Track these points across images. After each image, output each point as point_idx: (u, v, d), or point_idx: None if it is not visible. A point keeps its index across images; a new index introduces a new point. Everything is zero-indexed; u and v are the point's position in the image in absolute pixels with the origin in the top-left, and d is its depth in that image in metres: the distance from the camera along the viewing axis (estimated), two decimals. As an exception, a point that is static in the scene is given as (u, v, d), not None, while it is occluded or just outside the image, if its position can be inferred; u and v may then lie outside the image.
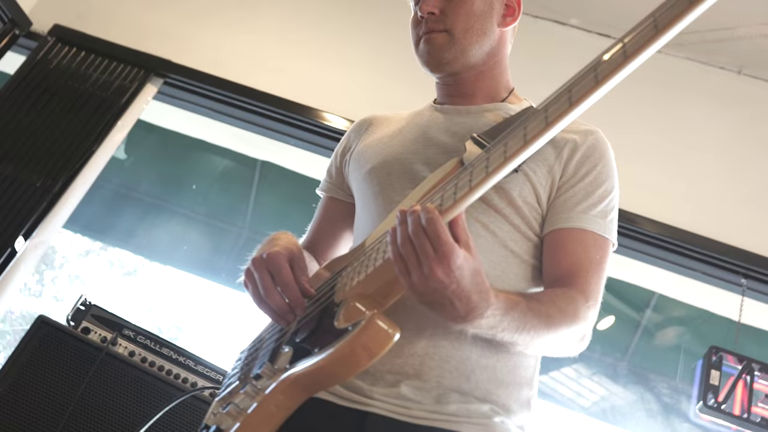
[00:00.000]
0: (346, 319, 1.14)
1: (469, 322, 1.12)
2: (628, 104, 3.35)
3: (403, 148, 1.50)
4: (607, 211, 1.40)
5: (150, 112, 3.68)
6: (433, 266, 1.04)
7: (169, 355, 2.33)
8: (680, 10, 0.87)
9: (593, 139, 1.45)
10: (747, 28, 3.34)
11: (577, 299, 1.28)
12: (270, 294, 1.29)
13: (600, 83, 0.93)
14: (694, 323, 4.87)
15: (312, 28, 3.70)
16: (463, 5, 1.49)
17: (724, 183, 3.27)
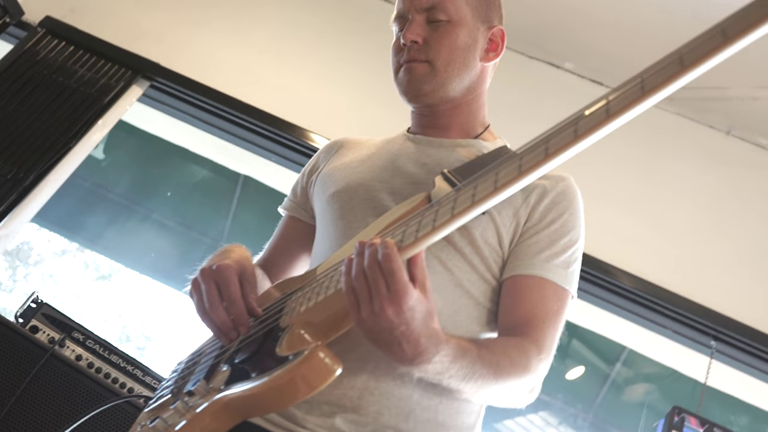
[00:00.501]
0: (289, 347, 1.10)
1: (415, 365, 1.08)
2: (615, 153, 3.34)
3: (370, 174, 1.47)
4: (570, 261, 1.37)
5: (133, 114, 3.64)
6: (384, 304, 1.00)
7: (117, 362, 2.27)
8: (669, 74, 0.85)
9: (563, 186, 1.42)
10: (738, 89, 3.35)
11: (530, 351, 1.24)
12: (215, 308, 1.24)
13: (579, 138, 0.91)
14: (663, 381, 4.84)
15: (307, 46, 3.68)
16: (447, 36, 1.47)
17: (703, 243, 3.25)
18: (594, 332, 3.93)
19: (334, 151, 1.64)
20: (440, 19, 1.47)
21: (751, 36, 0.80)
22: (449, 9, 1.47)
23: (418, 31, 1.46)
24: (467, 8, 1.50)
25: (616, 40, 3.44)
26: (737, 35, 0.80)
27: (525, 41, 3.65)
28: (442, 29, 1.47)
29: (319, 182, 1.57)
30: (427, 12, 1.47)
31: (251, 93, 3.46)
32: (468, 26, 1.49)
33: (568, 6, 3.41)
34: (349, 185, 1.46)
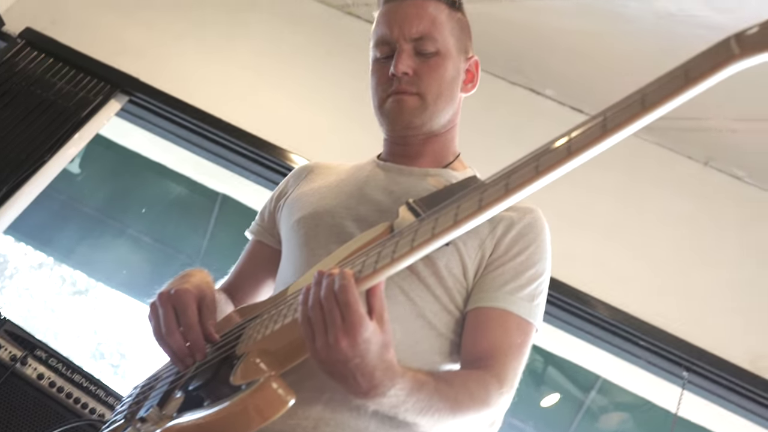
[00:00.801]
0: (243, 376, 1.09)
1: (370, 398, 1.07)
2: (594, 181, 3.35)
3: (337, 201, 1.46)
4: (534, 294, 1.36)
5: (111, 128, 3.62)
6: (338, 336, 1.00)
7: (80, 382, 2.22)
8: (631, 114, 0.86)
9: (530, 218, 1.42)
10: (717, 121, 3.37)
11: (491, 385, 1.23)
12: (171, 333, 1.22)
13: (539, 175, 0.91)
14: (637, 410, 4.83)
15: (289, 65, 3.68)
16: (437, 69, 1.47)
17: (679, 273, 3.26)
18: (569, 361, 3.92)
19: (304, 176, 1.64)
20: (429, 51, 1.46)
21: (711, 79, 0.81)
22: (438, 40, 1.47)
23: (409, 62, 1.45)
24: (451, 39, 1.50)
25: (595, 69, 3.46)
26: (698, 78, 0.82)
27: (506, 67, 3.67)
28: (432, 61, 1.46)
29: (287, 207, 1.56)
30: (415, 42, 1.46)
31: (231, 111, 3.45)
32: (453, 58, 1.50)
33: (550, 34, 3.43)
34: (316, 211, 1.45)
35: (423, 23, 1.46)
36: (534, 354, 4.74)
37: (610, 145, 0.89)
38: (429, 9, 1.48)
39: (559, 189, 3.44)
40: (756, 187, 3.46)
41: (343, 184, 1.52)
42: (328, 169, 1.64)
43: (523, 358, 1.33)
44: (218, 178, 3.96)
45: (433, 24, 1.47)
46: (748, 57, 0.79)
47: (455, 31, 1.52)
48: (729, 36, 0.83)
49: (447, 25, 1.50)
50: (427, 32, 1.46)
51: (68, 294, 7.58)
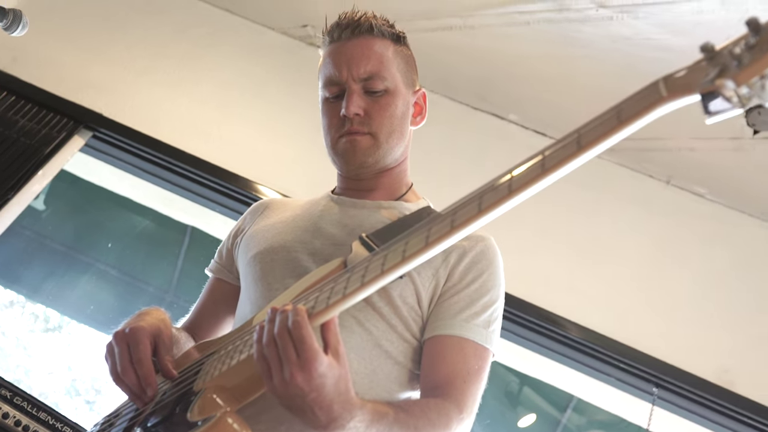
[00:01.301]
0: (200, 412, 1.10)
1: (330, 431, 1.08)
2: (557, 203, 3.39)
3: (292, 236, 1.48)
4: (490, 320, 1.39)
5: (76, 164, 3.60)
6: (293, 371, 1.01)
7: (46, 420, 2.20)
8: (568, 153, 0.90)
9: (483, 246, 1.44)
10: (677, 141, 3.43)
11: (451, 411, 1.26)
12: (126, 371, 1.24)
13: (482, 212, 0.95)
14: (613, 428, 4.84)
15: (252, 97, 3.70)
16: (387, 108, 1.49)
17: (645, 290, 3.30)
18: (544, 381, 3.94)
19: (260, 212, 1.66)
20: (378, 89, 1.49)
21: (642, 120, 0.86)
22: (386, 78, 1.50)
23: (360, 102, 1.47)
24: (398, 75, 1.53)
25: (557, 91, 3.51)
26: (629, 119, 0.86)
27: (469, 93, 3.72)
28: (382, 101, 1.49)
29: (243, 244, 1.58)
30: (364, 82, 1.49)
31: (196, 144, 3.46)
32: (401, 94, 1.53)
33: (510, 60, 3.48)
34: (271, 246, 1.47)
35: (371, 62, 1.49)
36: (509, 375, 4.75)
37: (549, 183, 0.92)
38: (375, 47, 1.51)
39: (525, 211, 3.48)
40: (717, 204, 3.53)
41: (298, 219, 1.54)
42: (283, 206, 1.66)
43: (480, 383, 1.35)
44: (186, 211, 3.95)
45: (380, 62, 1.50)
46: (676, 99, 0.84)
47: (401, 66, 1.55)
48: (658, 78, 0.87)
49: (393, 61, 1.53)
50: (375, 71, 1.49)
51: (41, 331, 7.49)
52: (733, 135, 3.25)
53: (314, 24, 3.76)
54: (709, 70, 0.79)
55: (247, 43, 3.84)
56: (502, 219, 1.47)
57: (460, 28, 3.40)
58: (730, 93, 0.77)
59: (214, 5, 3.91)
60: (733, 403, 3.02)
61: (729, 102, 0.78)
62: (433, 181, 1.76)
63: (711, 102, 0.80)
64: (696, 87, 0.81)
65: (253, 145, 3.54)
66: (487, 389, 1.38)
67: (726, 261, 3.36)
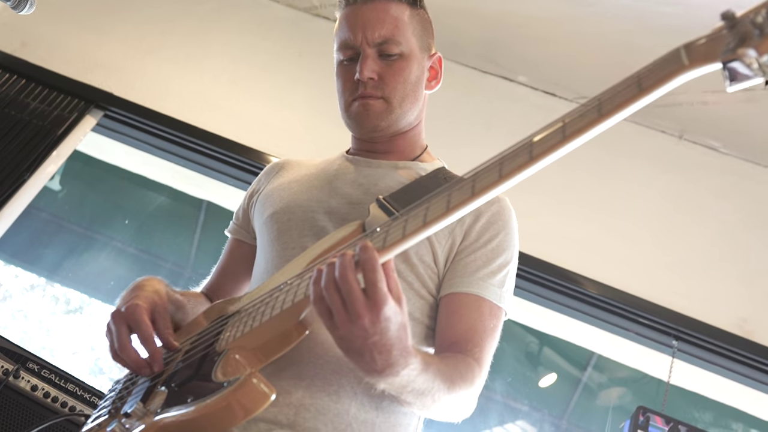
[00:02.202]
0: (224, 373, 1.12)
1: (383, 377, 1.07)
2: (571, 162, 3.38)
3: (308, 195, 1.49)
4: (504, 280, 1.41)
5: (89, 144, 3.63)
6: (361, 312, 0.99)
7: (74, 391, 2.25)
8: (589, 120, 0.90)
9: (498, 207, 1.45)
10: (688, 95, 3.41)
11: (474, 367, 1.28)
12: (123, 349, 1.26)
13: (503, 178, 0.95)
14: (635, 384, 4.87)
15: (261, 70, 3.70)
16: (401, 73, 1.49)
17: (661, 245, 3.30)
18: (563, 340, 3.96)
19: (275, 172, 1.67)
20: (393, 53, 1.48)
21: (663, 88, 0.86)
22: (401, 42, 1.49)
23: (373, 66, 1.47)
24: (414, 39, 1.52)
25: (566, 51, 3.49)
26: (651, 87, 0.86)
27: (478, 56, 3.70)
28: (396, 65, 1.48)
29: (259, 203, 1.59)
30: (379, 46, 1.48)
31: (207, 119, 3.47)
32: (417, 58, 1.52)
33: (517, 22, 3.46)
34: (287, 206, 1.48)
35: (386, 27, 1.48)
36: (529, 335, 4.78)
37: (569, 150, 0.93)
38: (391, 11, 1.50)
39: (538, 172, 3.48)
40: (731, 157, 3.51)
41: (314, 178, 1.55)
42: (298, 165, 1.66)
43: (495, 342, 1.37)
44: (200, 186, 3.97)
45: (395, 26, 1.49)
46: (697, 67, 0.84)
47: (417, 31, 1.54)
48: (680, 46, 0.87)
49: (409, 25, 1.52)
50: (390, 36, 1.48)
51: (62, 313, 7.57)
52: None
53: (319, -6, 3.75)
54: (730, 39, 0.79)
55: (253, 16, 3.83)
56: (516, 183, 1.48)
57: (467, -9, 3.39)
58: (752, 61, 0.77)
59: (219, -20, 3.90)
60: (753, 353, 3.03)
61: (751, 70, 0.78)
62: (445, 146, 1.76)
63: (733, 70, 0.80)
64: (717, 55, 0.81)
65: (264, 117, 3.55)
66: (507, 350, 1.40)
67: (741, 213, 3.36)
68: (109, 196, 4.99)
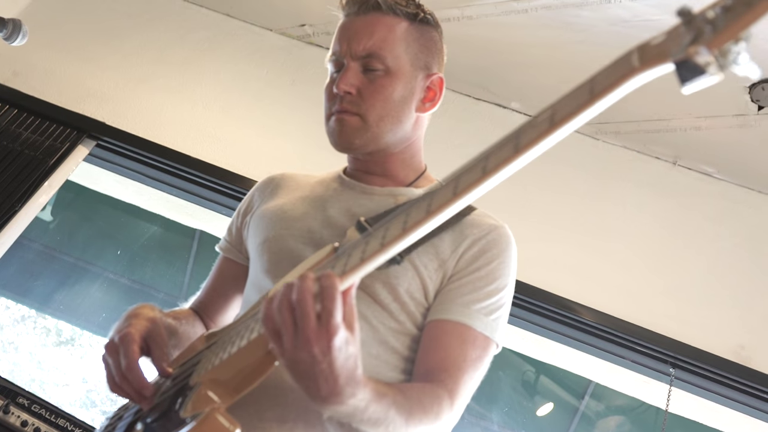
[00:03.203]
0: (194, 407, 1.07)
1: (328, 404, 1.02)
2: (566, 188, 3.39)
3: (300, 224, 1.44)
4: (493, 309, 1.34)
5: (81, 174, 3.61)
6: (311, 339, 0.95)
7: (65, 426, 2.21)
8: (541, 131, 0.86)
9: (495, 235, 1.40)
10: (681, 121, 3.42)
11: (443, 399, 1.22)
12: (122, 380, 1.23)
13: (458, 195, 0.90)
14: (633, 412, 4.84)
15: (254, 98, 3.70)
16: (382, 91, 1.43)
17: (657, 273, 3.29)
18: (560, 368, 3.93)
19: (269, 189, 1.61)
20: (377, 69, 1.43)
21: (615, 93, 0.81)
22: (387, 59, 1.43)
23: (352, 80, 1.42)
24: (406, 56, 1.46)
25: (557, 78, 3.50)
26: (602, 93, 0.81)
27: (470, 84, 3.71)
28: (377, 82, 1.43)
29: (253, 225, 1.54)
30: (362, 60, 1.43)
31: (200, 148, 3.46)
32: (405, 77, 1.46)
33: (509, 49, 3.47)
34: (279, 235, 1.44)
35: (372, 40, 1.43)
36: (525, 364, 4.75)
37: (525, 163, 0.88)
38: (380, 25, 1.44)
39: (533, 199, 3.48)
40: (726, 182, 3.51)
41: (307, 203, 1.50)
42: (293, 182, 1.61)
43: (477, 373, 1.30)
44: (193, 216, 3.95)
45: (384, 41, 1.43)
46: (649, 69, 0.78)
47: (412, 48, 1.47)
48: (633, 47, 0.82)
49: (402, 41, 1.46)
50: (375, 50, 1.43)
51: (53, 345, 7.50)
52: (737, 112, 3.24)
53: (312, 23, 3.76)
54: (685, 36, 0.74)
55: (246, 45, 3.84)
56: (511, 208, 1.46)
57: (458, 19, 3.40)
58: (704, 60, 0.71)
59: (212, 9, 3.91)
60: (752, 380, 3.00)
61: (704, 70, 0.72)
62: (442, 173, 1.74)
63: (686, 71, 0.74)
64: (669, 55, 0.75)
65: (257, 146, 3.54)
66: (504, 379, 1.35)
67: (737, 238, 3.35)
68: (101, 227, 4.97)
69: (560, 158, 3.53)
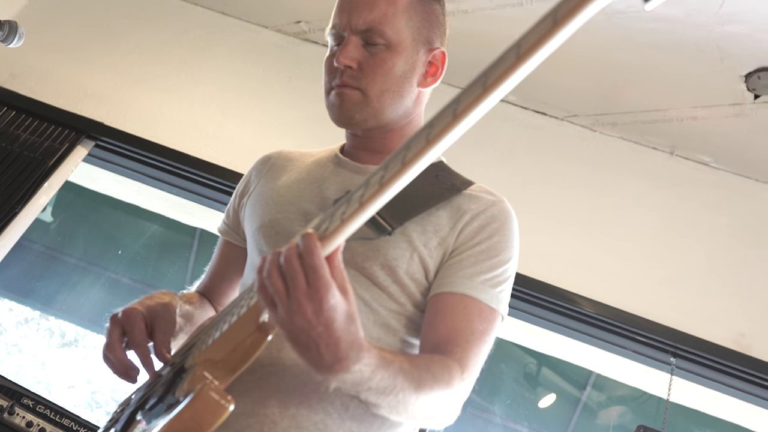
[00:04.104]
0: (188, 387, 1.06)
1: (333, 373, 0.98)
2: (563, 182, 3.40)
3: (296, 207, 1.43)
4: (498, 281, 1.33)
5: (80, 174, 3.62)
6: (302, 301, 0.92)
7: (70, 426, 2.22)
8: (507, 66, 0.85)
9: (495, 210, 1.39)
10: (677, 111, 3.42)
11: (453, 369, 1.19)
12: (111, 346, 1.23)
13: (430, 144, 0.87)
14: (634, 402, 4.85)
15: (252, 96, 3.70)
16: (383, 65, 1.40)
17: (656, 262, 3.29)
18: (561, 359, 3.94)
19: (266, 169, 1.60)
20: (377, 43, 1.40)
21: (579, 16, 0.78)
22: (387, 33, 1.40)
23: (353, 54, 1.39)
24: (407, 30, 1.44)
25: (554, 69, 3.49)
26: (565, 18, 0.78)
27: (466, 77, 3.67)
28: (378, 56, 1.40)
29: (249, 207, 1.53)
30: (363, 33, 1.40)
31: (199, 147, 3.47)
32: (407, 51, 1.43)
33: (505, 42, 3.46)
34: (275, 219, 1.43)
35: (373, 14, 1.40)
36: (527, 356, 4.76)
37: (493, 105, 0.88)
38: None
39: (532, 189, 3.48)
40: (723, 171, 3.52)
41: (304, 185, 1.48)
42: (289, 161, 1.60)
43: (485, 345, 1.28)
44: (193, 214, 3.96)
45: (385, 14, 1.40)
46: None
47: (414, 21, 1.45)
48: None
49: (403, 14, 1.43)
50: (375, 23, 1.40)
51: (57, 346, 7.51)
52: (734, 101, 3.24)
53: (308, 19, 3.76)
54: None
55: (243, 43, 3.85)
56: (509, 200, 1.46)
57: (453, 13, 3.40)
58: None
59: (207, 8, 3.91)
60: (752, 368, 3.01)
61: None
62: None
63: None
64: None
65: (255, 143, 3.54)
66: (506, 370, 1.34)
67: (735, 227, 3.36)
68: (101, 227, 4.98)
69: (558, 150, 3.54)
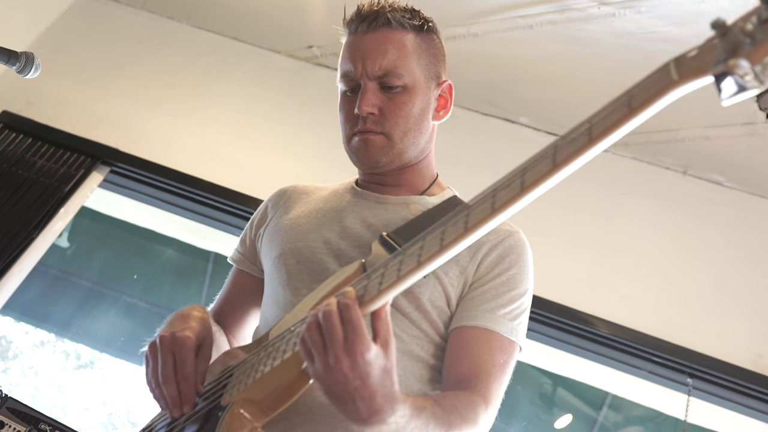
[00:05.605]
0: (228, 428, 1.08)
1: (370, 425, 1.02)
2: (577, 201, 3.40)
3: (316, 235, 1.45)
4: (516, 314, 1.36)
5: (96, 200, 3.65)
6: (339, 356, 0.95)
7: (86, 452, 2.23)
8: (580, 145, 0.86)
9: (512, 241, 1.41)
10: (690, 131, 3.42)
11: (478, 405, 1.23)
12: (168, 381, 1.22)
13: (496, 211, 0.91)
14: (651, 422, 4.81)
15: (265, 120, 3.73)
16: (403, 107, 1.43)
17: (671, 282, 3.28)
18: (577, 380, 3.91)
19: (282, 202, 1.62)
20: (395, 86, 1.43)
21: (654, 106, 0.81)
22: (403, 75, 1.43)
23: (373, 101, 1.42)
24: (419, 69, 1.46)
25: (566, 91, 3.52)
26: (641, 106, 0.81)
27: (478, 100, 3.73)
28: (398, 99, 1.43)
29: (267, 238, 1.54)
30: (379, 79, 1.43)
31: (213, 171, 3.49)
32: (422, 90, 1.46)
33: (516, 64, 3.49)
34: (295, 247, 1.44)
35: (387, 58, 1.42)
36: (543, 377, 4.73)
37: (562, 178, 0.89)
38: (394, 41, 1.44)
39: (545, 215, 3.49)
40: (736, 191, 3.51)
41: (321, 215, 1.50)
42: (306, 194, 1.62)
43: (505, 377, 1.32)
44: (207, 238, 3.98)
45: (398, 57, 1.43)
46: (688, 82, 0.79)
47: (423, 59, 1.48)
48: (669, 60, 0.82)
49: (414, 54, 1.46)
50: (391, 68, 1.42)
51: (73, 369, 7.54)
52: (746, 120, 3.24)
53: (319, 44, 3.80)
54: (721, 50, 0.73)
55: (255, 68, 3.88)
56: (525, 225, 1.47)
57: (464, 36, 3.42)
58: (745, 72, 0.71)
59: (221, 34, 3.95)
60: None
61: (744, 82, 0.72)
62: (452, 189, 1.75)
63: (725, 83, 0.74)
64: (708, 68, 0.75)
65: (268, 167, 3.57)
66: (522, 392, 1.35)
67: (750, 246, 3.35)
68: (117, 251, 5.00)
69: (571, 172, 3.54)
